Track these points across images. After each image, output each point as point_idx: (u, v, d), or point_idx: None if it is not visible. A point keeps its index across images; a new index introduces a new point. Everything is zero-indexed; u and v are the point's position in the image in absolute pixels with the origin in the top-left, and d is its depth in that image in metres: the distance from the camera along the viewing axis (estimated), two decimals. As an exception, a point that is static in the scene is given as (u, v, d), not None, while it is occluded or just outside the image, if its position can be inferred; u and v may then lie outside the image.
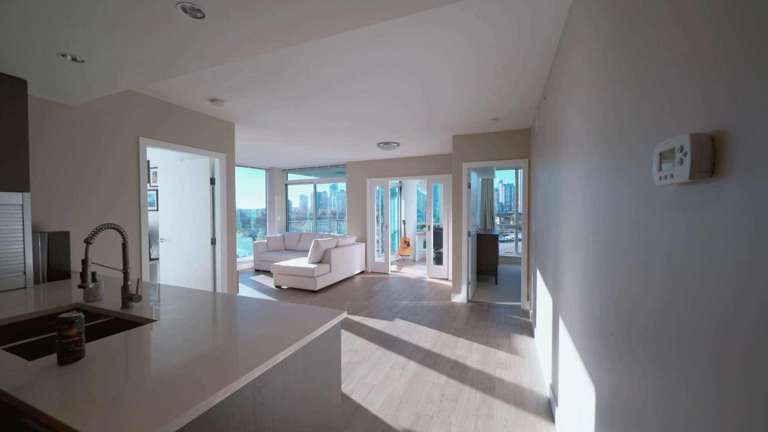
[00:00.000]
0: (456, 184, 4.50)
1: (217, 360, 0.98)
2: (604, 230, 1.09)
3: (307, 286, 5.00)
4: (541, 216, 2.87)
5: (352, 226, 6.83)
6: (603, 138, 1.10)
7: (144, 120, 2.85)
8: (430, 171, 6.07)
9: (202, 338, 1.15)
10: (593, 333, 1.21)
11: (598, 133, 1.17)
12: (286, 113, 3.47)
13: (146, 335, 1.18)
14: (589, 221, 1.28)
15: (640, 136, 0.79)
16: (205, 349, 1.06)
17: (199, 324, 1.29)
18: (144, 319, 1.40)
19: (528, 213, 4.13)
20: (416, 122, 3.84)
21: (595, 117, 1.21)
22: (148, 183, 4.22)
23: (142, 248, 2.83)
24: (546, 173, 2.58)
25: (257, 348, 1.07)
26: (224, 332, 1.20)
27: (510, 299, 4.58)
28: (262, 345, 1.09)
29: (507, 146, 4.23)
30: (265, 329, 1.23)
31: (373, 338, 3.23)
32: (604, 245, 1.09)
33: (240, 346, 1.08)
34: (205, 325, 1.28)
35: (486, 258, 5.49)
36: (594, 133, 1.22)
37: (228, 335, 1.18)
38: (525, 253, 4.16)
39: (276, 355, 1.02)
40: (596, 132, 1.19)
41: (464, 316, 3.89)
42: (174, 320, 1.34)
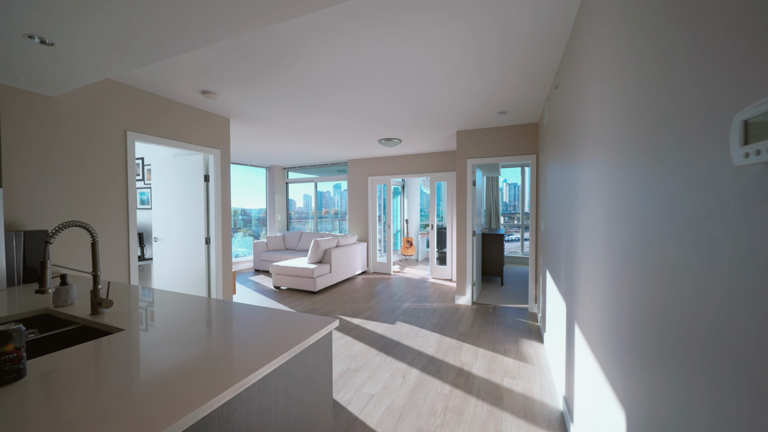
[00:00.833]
0: (460, 181, 4.32)
1: (176, 383, 0.83)
2: (637, 230, 0.93)
3: (306, 286, 4.85)
4: (552, 215, 2.69)
5: (353, 225, 6.68)
6: (640, 124, 0.93)
7: (132, 113, 2.71)
8: (434, 168, 5.90)
9: (166, 353, 1.00)
10: (621, 345, 1.04)
11: (631, 119, 1.00)
12: (282, 107, 3.32)
13: (105, 348, 1.04)
14: (614, 221, 1.12)
15: (706, 109, 0.62)
16: (164, 369, 0.90)
17: (167, 335, 1.14)
18: (112, 327, 1.25)
19: (536, 211, 3.95)
20: (418, 117, 3.67)
21: (627, 101, 1.04)
22: (142, 181, 4.10)
23: (130, 249, 2.70)
24: (557, 169, 2.40)
25: (229, 367, 0.91)
26: (193, 346, 1.05)
27: (517, 301, 4.40)
28: (236, 363, 0.94)
29: (513, 141, 4.05)
30: (242, 342, 1.08)
31: (373, 343, 3.07)
32: (637, 247, 0.92)
33: (208, 365, 0.92)
34: (173, 337, 1.13)
35: (491, 258, 5.31)
36: (624, 119, 1.05)
37: (196, 350, 1.02)
38: (533, 253, 3.98)
39: (249, 375, 0.87)
40: (629, 118, 1.02)
41: (469, 319, 3.72)
42: (142, 330, 1.19)
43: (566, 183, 2.04)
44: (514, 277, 5.94)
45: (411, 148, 5.55)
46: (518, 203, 23.13)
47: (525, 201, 7.68)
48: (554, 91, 2.56)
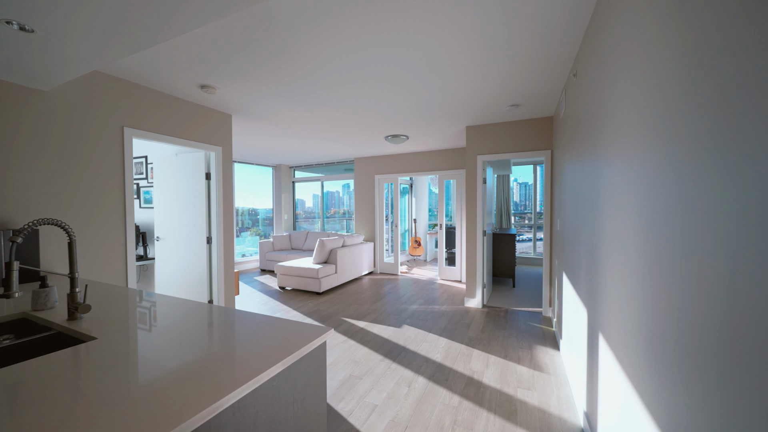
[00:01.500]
0: (470, 179, 4.14)
1: (139, 406, 0.70)
2: (686, 233, 0.76)
3: (311, 287, 4.74)
4: (569, 214, 2.50)
5: (360, 225, 6.55)
6: (689, 113, 0.77)
7: (129, 109, 2.63)
8: (442, 166, 5.72)
9: (126, 368, 0.88)
10: (659, 360, 0.87)
11: (676, 107, 0.83)
12: (284, 102, 3.20)
13: (67, 361, 0.92)
14: (653, 223, 0.95)
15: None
16: (115, 390, 0.78)
17: (140, 345, 1.03)
18: (85, 335, 1.14)
19: (550, 210, 3.74)
20: (425, 111, 3.51)
21: (671, 86, 0.87)
22: (146, 179, 4.05)
23: (127, 248, 2.62)
24: (576, 166, 2.22)
25: (198, 389, 0.78)
26: (168, 359, 0.93)
27: (529, 305, 4.20)
28: (207, 383, 0.81)
29: (526, 137, 3.85)
30: (219, 357, 0.95)
31: (378, 348, 2.93)
32: (685, 252, 0.76)
33: (179, 383, 0.80)
34: (146, 348, 1.01)
35: (502, 259, 5.11)
36: (666, 109, 0.88)
37: (170, 365, 0.90)
38: (547, 254, 3.78)
39: (222, 399, 0.74)
40: (672, 107, 0.85)
41: (479, 323, 3.55)
42: (114, 340, 1.08)
43: (587, 180, 1.86)
44: (526, 278, 5.72)
45: (419, 146, 5.39)
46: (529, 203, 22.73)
47: (539, 199, 7.42)
48: (572, 79, 2.37)
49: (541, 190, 7.42)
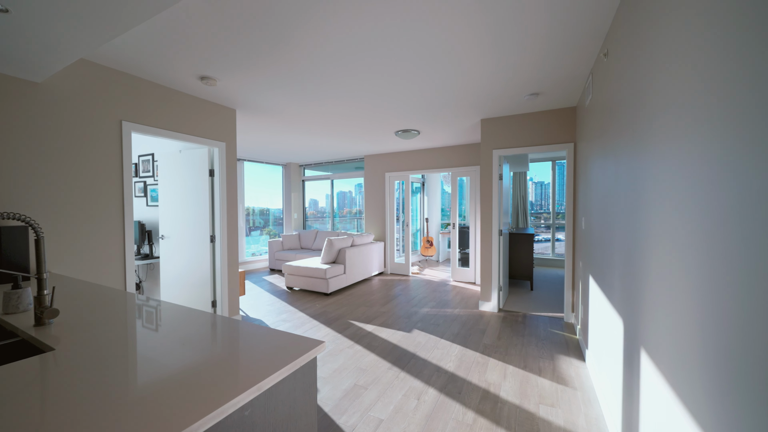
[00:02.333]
0: (485, 175, 3.91)
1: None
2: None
3: (319, 288, 4.60)
4: (597, 212, 2.25)
5: (370, 224, 6.39)
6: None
7: (128, 103, 2.54)
8: (455, 163, 5.49)
9: (74, 388, 0.72)
10: (734, 390, 0.65)
11: (752, 91, 0.61)
12: (289, 95, 3.06)
13: (15, 374, 0.78)
14: (724, 225, 0.73)
15: None
16: (52, 416, 0.62)
17: (100, 359, 0.88)
18: (45, 345, 1.00)
19: (573, 208, 3.47)
20: (437, 103, 3.30)
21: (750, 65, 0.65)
22: (153, 177, 3.99)
23: (126, 247, 2.53)
24: (608, 159, 1.97)
25: (153, 421, 0.62)
26: (121, 378, 0.77)
27: (549, 309, 3.92)
28: (164, 415, 0.64)
29: (546, 129, 3.59)
30: (186, 376, 0.79)
31: (386, 354, 2.75)
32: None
33: (129, 413, 0.64)
34: (106, 363, 0.85)
35: (519, 260, 4.83)
36: (740, 92, 0.66)
37: (124, 390, 0.74)
38: (569, 255, 3.50)
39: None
40: (746, 91, 0.63)
41: (495, 328, 3.31)
42: (74, 351, 0.93)
43: (624, 175, 1.62)
44: (544, 281, 5.42)
45: (430, 141, 5.18)
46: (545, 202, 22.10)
47: (562, 198, 7.07)
48: (602, 60, 2.12)
49: (560, 187, 7.07)
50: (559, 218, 7.14)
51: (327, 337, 3.11)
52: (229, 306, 3.37)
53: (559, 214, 7.14)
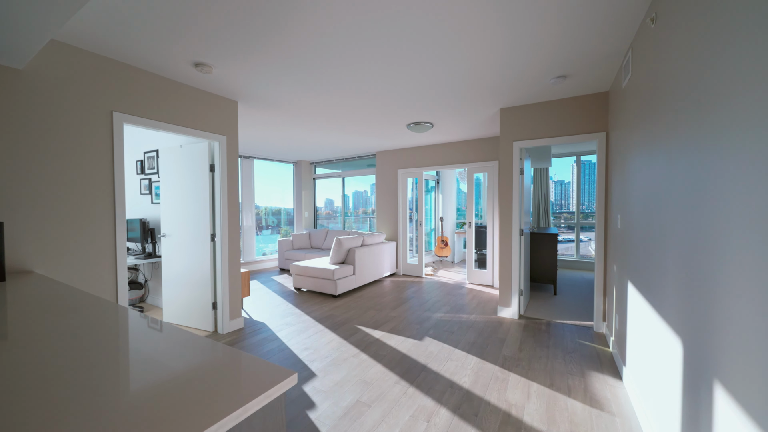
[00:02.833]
0: (504, 170, 3.59)
1: None
2: None
3: (327, 289, 4.40)
4: (638, 209, 1.92)
5: (382, 223, 6.15)
6: None
7: (120, 92, 2.40)
8: (472, 158, 5.16)
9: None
10: None
11: None
12: (293, 86, 2.86)
13: None
14: None
15: None
16: None
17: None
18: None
19: (605, 204, 3.11)
20: (451, 90, 3.02)
21: None
22: (157, 174, 3.90)
23: (117, 247, 2.38)
24: (658, 149, 1.64)
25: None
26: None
27: (576, 317, 3.56)
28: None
29: (573, 118, 3.24)
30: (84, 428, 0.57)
31: (394, 365, 2.50)
32: None
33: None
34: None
35: (542, 262, 4.47)
36: None
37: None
38: (599, 257, 3.14)
39: None
40: None
41: (516, 338, 3.00)
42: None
43: (682, 167, 1.31)
44: (569, 285, 5.02)
45: (445, 135, 4.88)
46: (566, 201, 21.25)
47: (586, 196, 6.60)
48: (647, 28, 1.79)
49: (586, 185, 6.60)
50: (585, 219, 6.67)
51: (331, 344, 2.89)
52: (230, 308, 3.21)
53: (587, 215, 6.67)
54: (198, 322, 3.24)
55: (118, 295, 2.39)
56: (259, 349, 2.80)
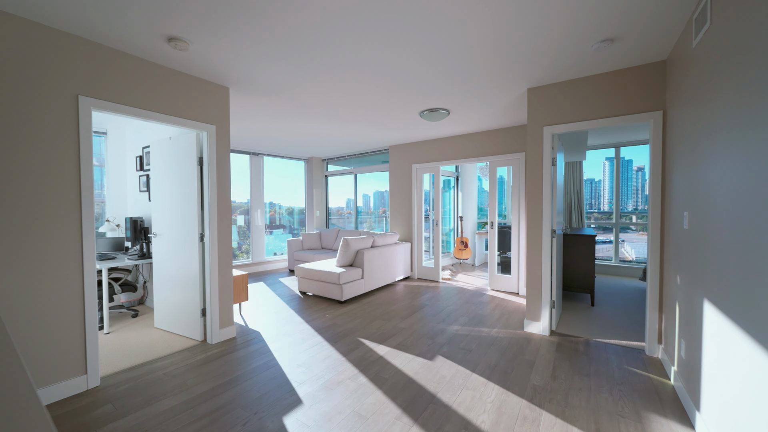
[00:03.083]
0: (532, 161, 3.06)
1: None
2: None
3: (332, 294, 4.04)
4: (729, 207, 1.39)
5: (395, 222, 5.73)
6: None
7: (87, 74, 2.13)
8: (494, 150, 4.63)
9: None
10: None
11: None
12: (291, 68, 2.50)
13: None
14: None
15: None
16: None
17: None
18: None
19: (663, 200, 2.53)
20: (470, 67, 2.55)
21: None
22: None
23: (84, 250, 2.11)
24: (764, 128, 1.12)
25: None
26: None
27: (621, 335, 2.98)
28: None
29: (618, 96, 2.67)
30: None
31: (397, 393, 2.08)
32: None
33: None
34: None
35: (577, 268, 3.88)
36: None
37: None
38: (654, 264, 2.57)
39: None
40: None
41: (547, 361, 2.49)
42: None
43: None
44: (607, 294, 4.38)
45: (463, 125, 4.39)
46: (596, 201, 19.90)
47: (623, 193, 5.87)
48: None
49: (625, 181, 5.85)
50: (631, 218, 5.92)
51: (328, 361, 2.51)
52: (220, 315, 2.91)
53: (621, 214, 5.92)
54: (187, 329, 2.97)
55: (86, 303, 2.12)
56: (246, 364, 2.46)
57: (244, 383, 2.21)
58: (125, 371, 2.37)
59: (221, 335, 2.90)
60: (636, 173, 36.18)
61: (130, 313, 3.61)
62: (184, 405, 1.96)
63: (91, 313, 2.14)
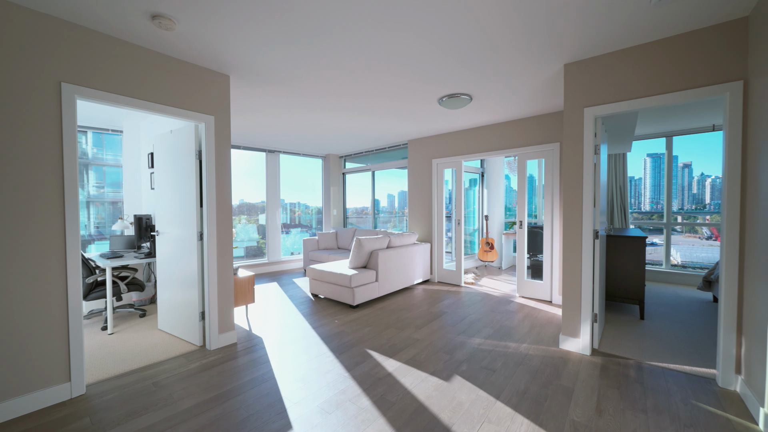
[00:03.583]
0: (570, 150, 2.62)
1: None
2: None
3: (344, 298, 3.78)
4: None
5: (414, 221, 5.38)
6: None
7: (71, 60, 1.98)
8: (523, 141, 4.16)
9: None
10: None
11: None
12: (297, 52, 2.26)
13: None
14: None
15: None
16: None
17: None
18: None
19: (743, 195, 2.02)
20: (494, 41, 2.16)
21: None
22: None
23: (68, 250, 1.97)
24: None
25: None
26: None
27: (684, 358, 2.46)
28: None
29: (681, 65, 2.17)
30: None
31: (403, 423, 1.75)
32: None
33: None
34: None
35: (623, 274, 3.35)
36: None
37: None
38: (730, 274, 2.05)
39: None
40: None
41: (590, 389, 2.05)
42: None
43: None
44: (659, 304, 3.78)
45: (487, 113, 3.96)
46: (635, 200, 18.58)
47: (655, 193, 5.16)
48: None
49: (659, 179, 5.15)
50: (670, 217, 5.21)
51: (329, 375, 2.23)
52: (219, 320, 2.72)
53: (660, 214, 5.21)
54: (186, 333, 2.81)
55: (69, 305, 1.97)
56: (240, 376, 2.24)
57: (234, 399, 1.97)
58: (115, 378, 2.22)
59: (220, 341, 2.71)
60: (682, 170, 33.26)
61: (138, 313, 3.54)
62: (163, 423, 1.75)
63: (75, 316, 2.00)
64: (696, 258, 7.13)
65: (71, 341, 1.98)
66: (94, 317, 3.42)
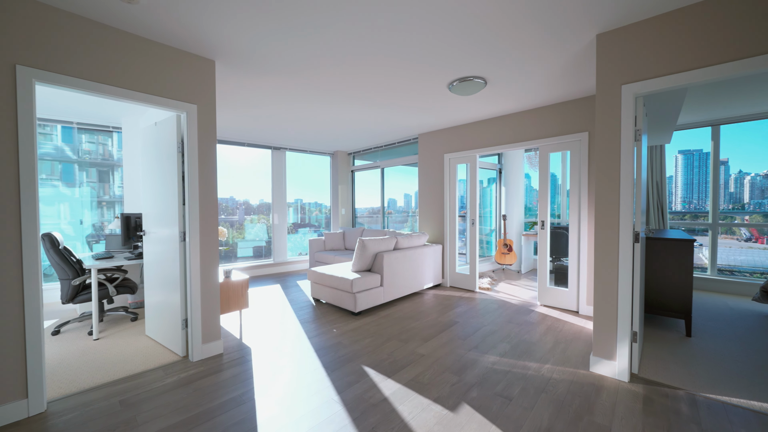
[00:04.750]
0: (604, 137, 2.20)
1: None
2: None
3: (345, 303, 3.48)
4: None
5: (425, 221, 5.02)
6: None
7: (27, 40, 1.78)
8: (545, 132, 3.73)
9: None
10: None
11: None
12: (285, 32, 1.97)
13: None
14: None
15: None
16: None
17: None
18: None
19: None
20: (513, 6, 1.80)
21: None
22: (160, 164, 3.43)
23: (24, 260, 1.77)
24: None
25: None
26: None
27: (746, 389, 2.00)
28: None
29: (748, 26, 1.73)
30: None
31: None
32: None
33: None
34: None
35: (665, 284, 2.88)
36: None
37: None
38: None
39: None
40: None
41: (632, 428, 1.65)
42: None
43: None
44: (707, 318, 3.26)
45: (504, 101, 3.56)
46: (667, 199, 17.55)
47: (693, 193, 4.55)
48: None
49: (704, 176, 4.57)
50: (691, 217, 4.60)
51: (314, 399, 1.93)
52: (203, 329, 2.48)
53: (695, 214, 4.60)
54: (170, 341, 2.59)
55: (26, 314, 1.77)
56: (217, 396, 1.98)
57: (203, 425, 1.71)
58: (84, 393, 2.01)
59: (204, 352, 2.47)
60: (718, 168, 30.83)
61: (129, 317, 3.38)
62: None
63: (34, 325, 1.79)
64: (734, 261, 6.40)
65: (28, 353, 1.78)
66: (86, 320, 3.29)
